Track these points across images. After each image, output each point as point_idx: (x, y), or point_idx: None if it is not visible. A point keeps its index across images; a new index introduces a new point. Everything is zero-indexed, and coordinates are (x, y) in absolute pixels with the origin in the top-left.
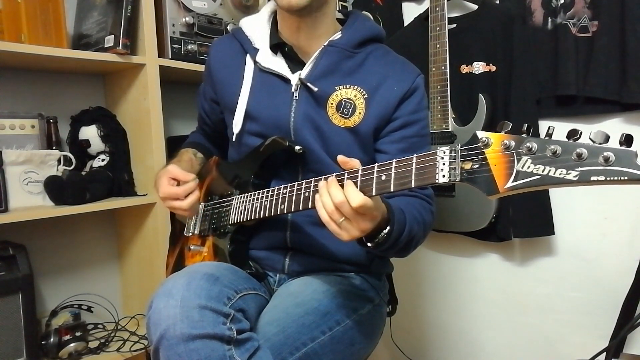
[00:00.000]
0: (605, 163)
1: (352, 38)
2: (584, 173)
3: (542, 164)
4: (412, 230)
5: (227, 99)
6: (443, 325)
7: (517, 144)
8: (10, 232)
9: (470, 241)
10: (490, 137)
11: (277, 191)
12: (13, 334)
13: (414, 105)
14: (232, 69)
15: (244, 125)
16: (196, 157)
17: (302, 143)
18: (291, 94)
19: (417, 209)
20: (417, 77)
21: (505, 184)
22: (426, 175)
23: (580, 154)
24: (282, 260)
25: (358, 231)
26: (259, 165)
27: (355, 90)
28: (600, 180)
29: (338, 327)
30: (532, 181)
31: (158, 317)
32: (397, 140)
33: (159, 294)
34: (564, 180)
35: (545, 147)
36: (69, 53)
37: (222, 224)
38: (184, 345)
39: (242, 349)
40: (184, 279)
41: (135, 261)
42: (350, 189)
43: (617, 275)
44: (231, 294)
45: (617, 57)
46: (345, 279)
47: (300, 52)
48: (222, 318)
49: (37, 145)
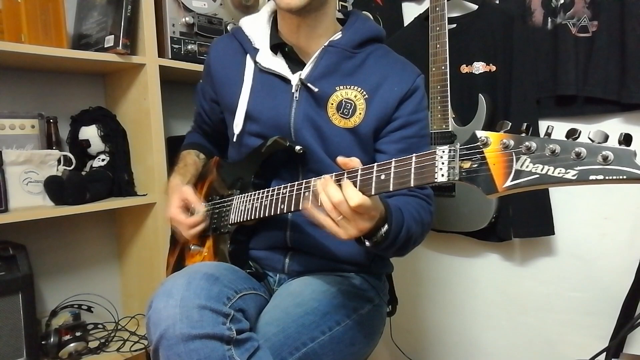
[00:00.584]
0: (604, 162)
1: (352, 38)
2: (583, 172)
3: (541, 163)
4: (410, 230)
5: (228, 99)
6: (443, 325)
7: (516, 143)
8: (10, 232)
9: (470, 241)
10: (489, 136)
11: (277, 191)
12: (13, 334)
13: (413, 105)
14: (232, 69)
15: (245, 126)
16: (199, 158)
17: (303, 143)
18: (291, 95)
19: (415, 209)
20: (417, 78)
21: (504, 183)
22: (425, 174)
23: (579, 153)
24: (282, 260)
25: (356, 230)
26: (260, 165)
27: (356, 90)
28: (599, 180)
29: (338, 327)
30: (531, 180)
31: (158, 317)
32: (396, 141)
33: (158, 294)
34: (563, 180)
35: (544, 146)
36: (69, 53)
37: (222, 223)
38: (184, 345)
39: (241, 349)
40: (183, 279)
41: (135, 261)
42: (349, 188)
43: (617, 275)
44: (231, 294)
45: (617, 57)
46: (345, 279)
47: (300, 52)
48: (222, 318)
49: (37, 145)
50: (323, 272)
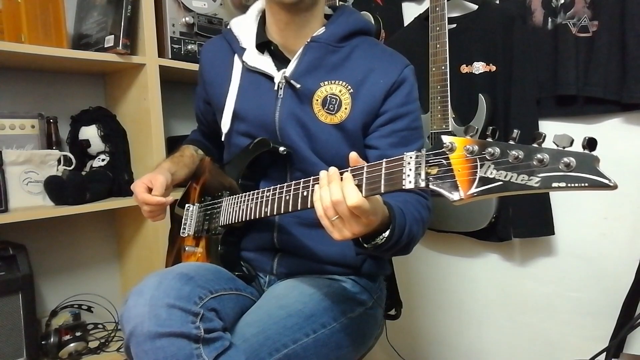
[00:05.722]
0: (566, 169)
1: (334, 32)
2: (545, 179)
3: (504, 169)
4: (412, 231)
5: (216, 99)
6: (442, 325)
7: (480, 149)
8: (10, 232)
9: (470, 241)
10: (454, 141)
11: (264, 193)
12: (13, 334)
13: (401, 97)
14: (221, 69)
15: (232, 125)
16: (197, 153)
17: (288, 142)
18: (275, 92)
19: (415, 207)
20: (404, 69)
21: (468, 190)
22: (394, 180)
23: (542, 160)
24: (270, 261)
25: (349, 233)
26: (246, 166)
27: (341, 85)
28: (562, 187)
29: (323, 330)
30: (495, 187)
31: (128, 315)
32: (386, 135)
33: (132, 292)
34: (526, 187)
35: (507, 152)
36: (69, 53)
37: (213, 225)
38: (151, 342)
39: (210, 347)
40: (155, 278)
41: (135, 261)
42: (349, 187)
43: (617, 275)
44: (203, 294)
45: (617, 57)
46: (335, 281)
47: (286, 50)
48: (191, 317)
49: (37, 145)
50: (311, 274)
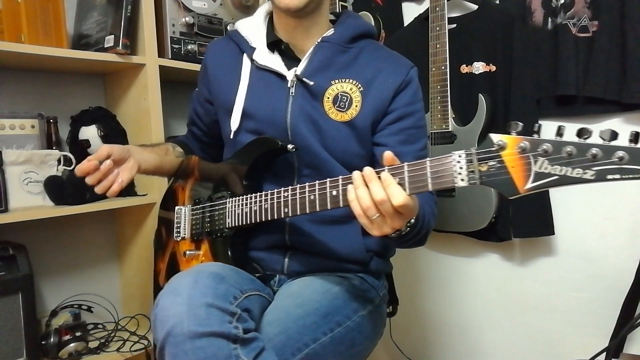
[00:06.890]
0: (620, 162)
1: (344, 34)
2: (600, 172)
3: (558, 164)
4: (429, 223)
5: (223, 98)
6: (443, 325)
7: (533, 146)
8: (10, 232)
9: (470, 241)
10: (504, 139)
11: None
12: (13, 334)
13: (409, 97)
14: (229, 68)
15: (242, 123)
16: (174, 149)
17: (299, 139)
18: (287, 90)
19: (426, 201)
20: (410, 70)
21: (524, 185)
22: (444, 178)
23: (595, 155)
24: (281, 260)
25: (390, 229)
26: (250, 165)
27: (351, 83)
28: (616, 178)
29: (339, 329)
30: (551, 181)
31: (165, 315)
32: (395, 132)
33: (165, 292)
34: (582, 180)
35: (561, 148)
36: (69, 53)
37: (218, 227)
38: (191, 342)
39: (248, 348)
40: (190, 278)
41: (135, 261)
42: (393, 186)
43: (617, 275)
44: (237, 294)
45: (617, 57)
46: (345, 279)
47: (296, 50)
48: (229, 317)
49: (37, 145)
50: (323, 272)
